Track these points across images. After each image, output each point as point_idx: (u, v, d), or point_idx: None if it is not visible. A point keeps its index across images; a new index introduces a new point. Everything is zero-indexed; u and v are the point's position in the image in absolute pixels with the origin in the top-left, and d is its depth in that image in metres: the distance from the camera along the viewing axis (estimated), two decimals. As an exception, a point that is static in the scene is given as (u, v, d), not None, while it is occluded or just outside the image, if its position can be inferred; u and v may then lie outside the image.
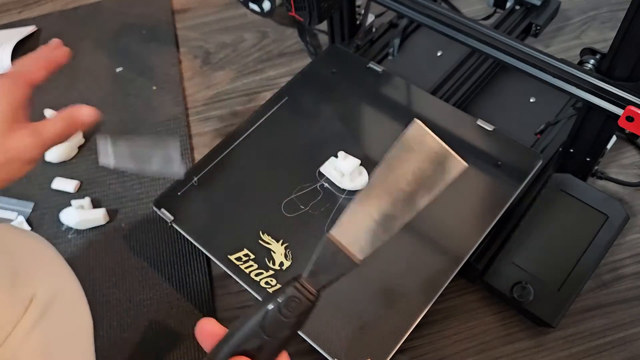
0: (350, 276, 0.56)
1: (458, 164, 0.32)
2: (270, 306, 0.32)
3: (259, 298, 0.56)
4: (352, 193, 0.62)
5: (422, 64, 0.86)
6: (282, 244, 0.59)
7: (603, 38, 0.92)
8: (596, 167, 0.73)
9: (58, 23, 1.07)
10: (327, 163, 0.64)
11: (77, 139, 0.86)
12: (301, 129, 0.69)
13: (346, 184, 0.62)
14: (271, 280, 0.57)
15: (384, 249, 0.58)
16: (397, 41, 0.87)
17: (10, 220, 0.78)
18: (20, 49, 1.02)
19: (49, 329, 0.49)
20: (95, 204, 0.79)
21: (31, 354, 0.47)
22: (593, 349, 0.64)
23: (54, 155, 0.84)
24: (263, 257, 0.59)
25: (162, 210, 0.62)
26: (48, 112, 0.82)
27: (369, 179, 0.62)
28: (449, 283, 0.56)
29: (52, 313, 0.49)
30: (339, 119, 0.69)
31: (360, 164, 0.62)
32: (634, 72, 0.54)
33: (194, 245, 0.64)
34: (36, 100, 1.00)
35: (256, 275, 0.57)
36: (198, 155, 0.85)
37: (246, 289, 0.57)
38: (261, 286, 0.56)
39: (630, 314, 0.65)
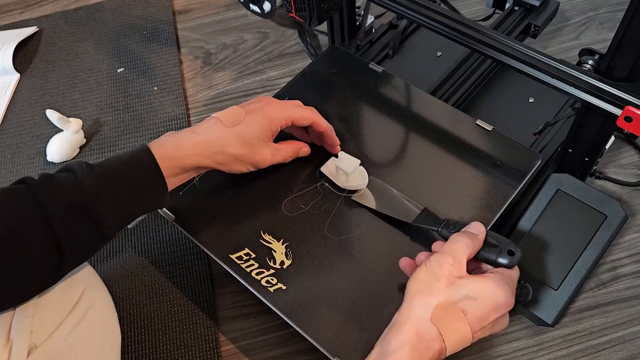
0: (350, 275, 0.57)
1: None
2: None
3: (260, 297, 0.56)
4: (352, 193, 0.63)
5: (421, 64, 0.86)
6: (282, 243, 0.60)
7: (602, 39, 0.93)
8: (595, 167, 0.74)
9: (59, 24, 1.07)
10: (327, 163, 0.64)
11: (79, 139, 0.86)
12: (301, 129, 0.69)
13: (346, 184, 0.62)
14: (272, 279, 0.57)
15: (384, 248, 0.58)
16: (396, 42, 0.88)
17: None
18: (21, 50, 1.02)
19: (85, 333, 0.55)
20: (97, 204, 0.79)
21: (69, 352, 0.53)
22: (592, 348, 0.64)
23: (55, 155, 0.85)
24: (264, 256, 0.59)
25: (164, 209, 0.63)
26: (49, 113, 0.82)
27: (368, 178, 0.63)
28: (449, 282, 0.56)
29: (88, 319, 0.56)
30: (339, 119, 0.69)
31: (360, 164, 0.62)
32: (633, 73, 0.54)
33: (195, 244, 0.65)
34: (38, 101, 1.01)
35: (257, 274, 0.58)
36: (199, 156, 0.86)
37: (247, 288, 0.57)
38: (262, 285, 0.57)
39: (629, 313, 0.66)
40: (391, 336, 0.47)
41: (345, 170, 0.61)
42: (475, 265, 0.53)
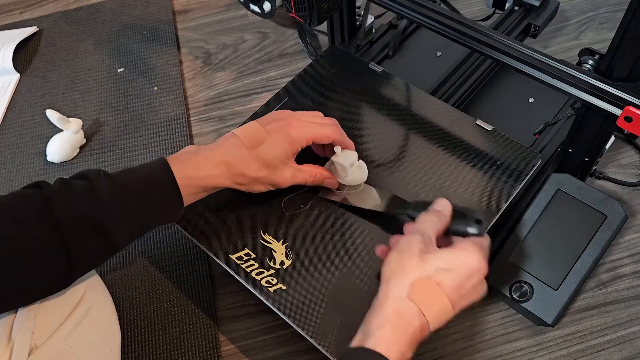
0: (350, 275, 0.57)
1: None
2: None
3: (260, 297, 0.56)
4: (352, 188, 0.62)
5: (421, 64, 0.86)
6: (282, 243, 0.60)
7: (602, 39, 0.93)
8: (595, 167, 0.73)
9: (59, 24, 1.07)
10: (327, 162, 0.64)
11: (79, 139, 0.86)
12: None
13: (346, 178, 0.62)
14: (272, 279, 0.57)
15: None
16: (396, 42, 0.87)
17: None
18: (21, 50, 1.02)
19: (86, 334, 0.55)
20: (97, 204, 0.79)
21: (69, 352, 0.53)
22: (592, 348, 0.64)
23: (55, 155, 0.85)
24: (264, 256, 0.59)
25: (163, 209, 0.63)
26: (49, 113, 0.82)
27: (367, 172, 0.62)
28: (449, 282, 0.56)
29: (88, 320, 0.56)
30: (339, 119, 0.69)
31: (360, 159, 0.62)
32: (633, 72, 0.54)
33: (195, 245, 0.65)
34: (38, 101, 1.01)
35: (257, 274, 0.58)
36: (199, 156, 0.86)
37: (247, 288, 0.57)
38: (262, 285, 0.57)
39: (629, 313, 0.66)
40: (371, 317, 0.48)
41: (343, 163, 0.60)
42: (446, 241, 0.54)
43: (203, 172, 0.55)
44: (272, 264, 0.58)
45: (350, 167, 0.61)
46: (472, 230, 0.53)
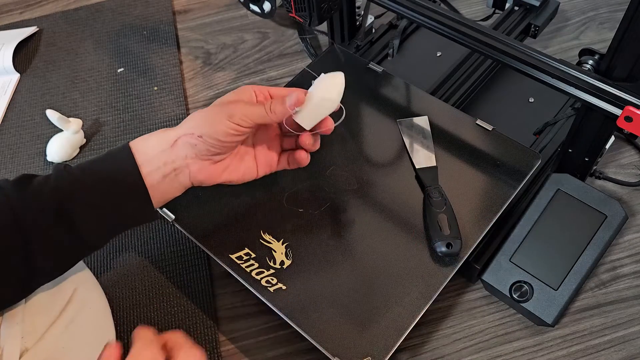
0: (350, 274, 0.57)
1: None
2: None
3: (260, 297, 0.56)
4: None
5: (421, 64, 0.86)
6: (282, 243, 0.60)
7: (602, 39, 0.93)
8: (595, 167, 0.73)
9: (59, 24, 1.07)
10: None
11: (79, 139, 0.86)
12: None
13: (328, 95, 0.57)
14: (272, 279, 0.57)
15: (384, 248, 0.58)
16: (396, 42, 0.88)
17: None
18: (21, 50, 1.02)
19: (78, 333, 0.54)
20: (97, 204, 0.79)
21: (61, 352, 0.52)
22: (592, 348, 0.64)
23: (55, 155, 0.85)
24: (264, 256, 0.59)
25: (164, 209, 0.63)
26: (49, 113, 0.82)
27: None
28: (448, 282, 0.56)
29: (80, 318, 0.55)
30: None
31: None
32: (633, 72, 0.54)
33: (195, 245, 0.65)
34: (38, 101, 1.01)
35: (257, 274, 0.58)
36: (199, 156, 0.86)
37: (247, 288, 0.57)
38: (262, 285, 0.57)
39: (629, 313, 0.66)
40: None
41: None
42: None
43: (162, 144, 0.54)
44: (272, 264, 0.58)
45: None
46: None
